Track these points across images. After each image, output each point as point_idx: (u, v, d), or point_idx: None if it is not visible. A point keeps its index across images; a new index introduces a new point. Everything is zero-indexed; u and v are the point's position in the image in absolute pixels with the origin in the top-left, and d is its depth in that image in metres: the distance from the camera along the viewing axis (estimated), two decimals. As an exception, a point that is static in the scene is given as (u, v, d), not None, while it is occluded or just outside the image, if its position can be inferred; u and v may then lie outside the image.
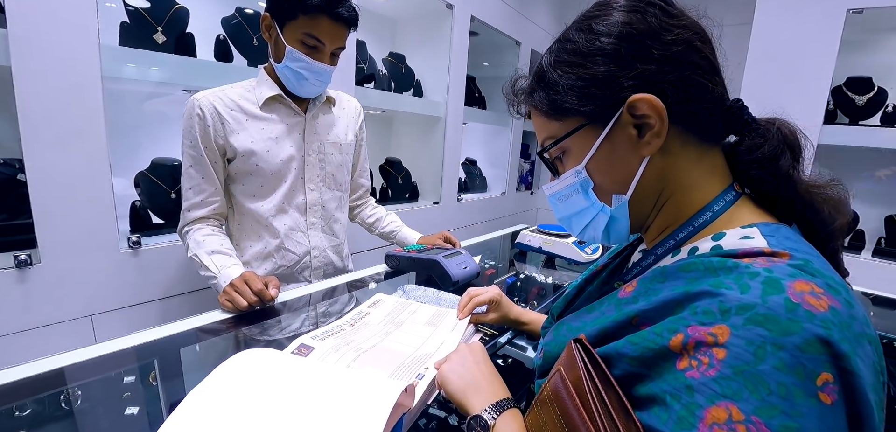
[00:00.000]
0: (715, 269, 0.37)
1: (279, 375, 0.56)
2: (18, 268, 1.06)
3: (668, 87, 0.42)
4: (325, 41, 1.00)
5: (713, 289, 0.36)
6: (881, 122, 2.12)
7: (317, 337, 0.71)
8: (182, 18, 1.39)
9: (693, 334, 0.35)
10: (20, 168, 1.11)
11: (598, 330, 0.44)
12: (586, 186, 0.49)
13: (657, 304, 0.39)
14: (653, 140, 0.43)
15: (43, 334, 1.13)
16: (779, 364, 0.31)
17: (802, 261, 0.36)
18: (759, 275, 0.35)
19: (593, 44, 0.44)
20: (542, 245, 1.44)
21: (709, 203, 0.45)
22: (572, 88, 0.45)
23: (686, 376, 0.34)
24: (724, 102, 0.46)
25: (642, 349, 0.38)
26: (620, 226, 0.50)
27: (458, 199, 2.65)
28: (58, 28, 1.05)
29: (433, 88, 2.45)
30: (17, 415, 0.56)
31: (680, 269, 0.40)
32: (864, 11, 1.94)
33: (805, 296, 0.32)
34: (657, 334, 0.37)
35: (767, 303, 0.32)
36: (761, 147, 0.44)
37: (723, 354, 0.33)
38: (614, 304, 0.45)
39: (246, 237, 1.12)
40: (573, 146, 0.48)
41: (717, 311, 0.34)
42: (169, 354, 0.74)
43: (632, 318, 0.41)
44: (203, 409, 0.49)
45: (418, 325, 0.79)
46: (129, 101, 1.49)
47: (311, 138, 1.13)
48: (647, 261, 0.49)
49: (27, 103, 1.02)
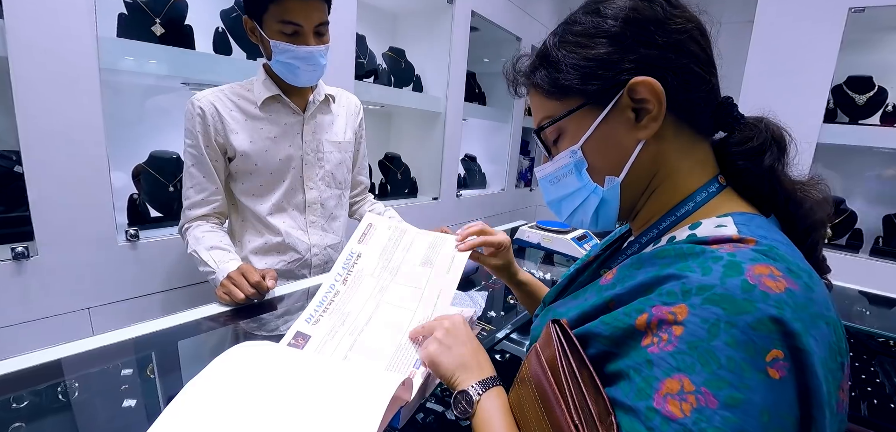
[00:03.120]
0: (684, 254, 0.40)
1: (275, 370, 0.56)
2: (15, 260, 1.06)
3: (669, 74, 0.44)
4: (301, 21, 0.98)
5: (679, 272, 0.38)
6: (881, 121, 2.12)
7: (311, 319, 0.69)
8: (180, 10, 1.38)
9: (656, 313, 0.37)
10: (17, 160, 1.10)
11: (578, 315, 0.46)
12: (581, 166, 0.50)
13: (631, 288, 0.41)
14: (650, 124, 0.45)
15: (40, 327, 1.12)
16: (730, 340, 0.33)
17: (767, 247, 0.37)
18: (722, 259, 0.36)
19: (599, 26, 0.46)
20: (541, 241, 1.45)
21: (692, 193, 0.47)
22: (575, 68, 0.46)
23: (647, 351, 0.36)
24: (716, 98, 0.48)
25: (613, 328, 0.40)
26: (610, 209, 0.51)
27: (458, 195, 2.65)
28: (55, 18, 1.04)
29: (433, 84, 2.44)
30: (15, 407, 0.56)
31: (654, 256, 0.42)
32: (866, 10, 1.94)
33: (763, 278, 0.34)
34: (626, 314, 0.39)
35: (725, 285, 0.34)
36: (750, 140, 0.46)
37: (680, 331, 0.35)
38: (596, 290, 0.46)
39: (247, 234, 1.12)
40: (570, 127, 0.49)
41: (679, 292, 0.36)
42: (167, 347, 0.74)
43: (609, 302, 0.43)
44: (199, 403, 0.49)
45: (414, 267, 0.75)
46: (127, 93, 1.48)
47: (310, 137, 1.13)
48: (631, 249, 0.51)
49: (24, 95, 1.02)
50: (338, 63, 1.74)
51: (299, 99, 1.11)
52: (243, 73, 1.36)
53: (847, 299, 1.29)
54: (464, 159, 3.02)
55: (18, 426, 0.53)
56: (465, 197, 2.74)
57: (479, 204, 2.89)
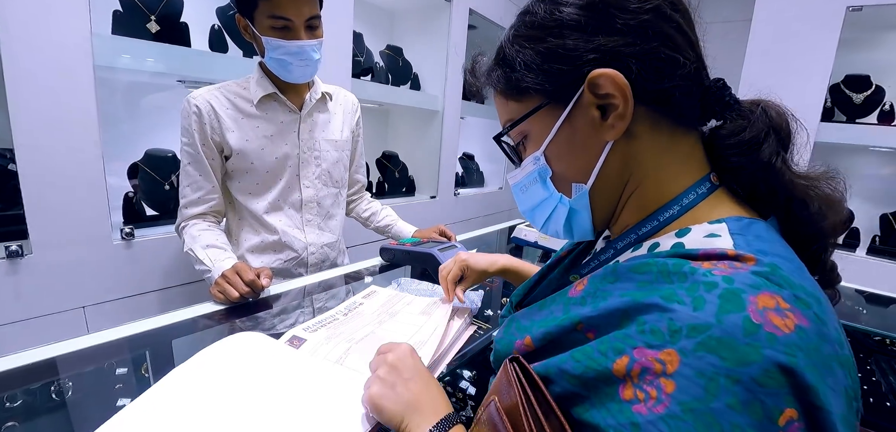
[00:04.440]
0: (668, 274, 0.33)
1: (265, 365, 0.55)
2: (9, 258, 1.05)
3: (633, 62, 0.38)
4: (291, 16, 0.97)
5: (664, 301, 0.31)
6: (878, 120, 2.12)
7: (309, 328, 0.71)
8: (176, 8, 1.37)
9: (639, 358, 0.31)
10: (11, 158, 1.09)
11: (543, 334, 0.40)
12: (544, 175, 0.44)
13: (604, 312, 0.35)
14: (617, 122, 0.39)
15: (34, 325, 1.12)
16: (733, 401, 0.27)
17: (769, 268, 0.31)
18: (717, 286, 0.30)
19: (553, 14, 0.40)
20: (538, 240, 1.44)
21: (678, 196, 0.41)
22: (529, 65, 0.41)
23: (632, 410, 0.30)
24: (702, 81, 0.41)
25: (584, 367, 0.34)
26: (582, 219, 0.45)
27: (455, 194, 2.65)
28: (49, 15, 1.03)
29: (431, 82, 2.44)
30: (8, 406, 0.55)
31: (632, 270, 0.36)
32: (864, 9, 1.94)
33: (768, 314, 0.28)
34: (602, 353, 0.33)
35: (723, 324, 0.28)
36: (743, 131, 0.40)
37: (671, 387, 0.29)
38: (563, 304, 0.41)
39: (244, 232, 1.12)
40: (533, 130, 0.44)
41: (666, 331, 0.30)
42: (161, 346, 0.74)
43: (577, 324, 0.37)
44: (182, 387, 0.49)
45: (413, 315, 0.79)
46: (122, 91, 1.47)
47: (307, 136, 1.12)
48: (606, 254, 0.45)
49: (18, 92, 1.01)
50: (335, 61, 1.74)
51: (296, 97, 1.11)
52: (239, 71, 1.35)
53: (844, 298, 1.29)
54: (461, 158, 3.02)
55: (12, 425, 0.52)
56: (463, 195, 2.74)
57: (476, 202, 2.89)
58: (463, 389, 1.08)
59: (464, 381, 1.10)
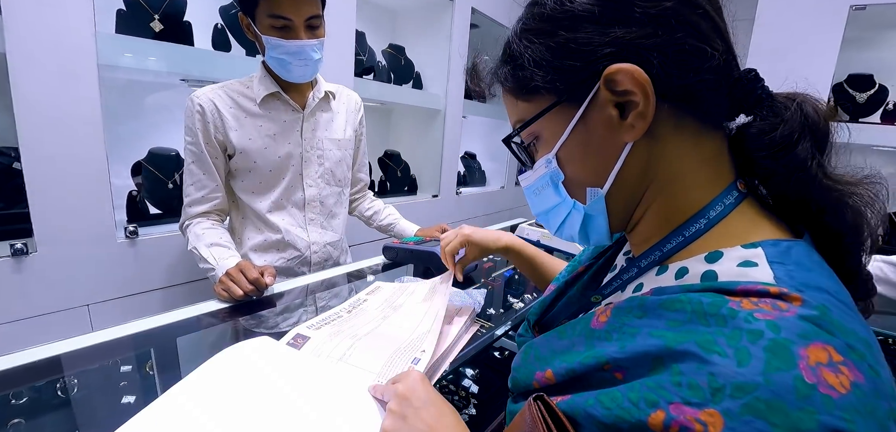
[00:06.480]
0: (704, 315, 0.30)
1: (271, 371, 0.55)
2: (14, 256, 1.06)
3: (654, 55, 0.34)
4: (290, 15, 0.97)
5: (701, 350, 0.28)
6: (881, 120, 2.12)
7: (313, 326, 0.71)
8: (179, 7, 1.38)
9: (677, 416, 0.27)
10: (16, 156, 1.10)
11: (566, 370, 0.37)
12: (556, 179, 0.41)
13: (633, 354, 0.32)
14: (637, 121, 0.35)
15: (39, 323, 1.12)
16: None
17: (819, 311, 0.28)
18: (762, 336, 0.27)
19: (564, 5, 0.37)
20: (541, 238, 1.44)
21: (704, 207, 0.37)
22: (539, 62, 0.38)
23: None
24: (730, 73, 0.37)
25: (615, 417, 0.30)
26: (598, 225, 0.42)
27: (457, 193, 2.65)
28: (53, 14, 1.04)
29: (433, 81, 2.44)
30: (14, 403, 0.56)
31: (662, 306, 0.33)
32: (867, 8, 1.93)
33: (821, 371, 0.25)
34: (632, 403, 0.30)
35: (772, 385, 0.25)
36: (775, 129, 0.35)
37: None
38: (585, 336, 0.37)
39: (247, 231, 1.12)
40: (545, 131, 0.41)
41: (706, 387, 0.27)
42: (166, 344, 0.74)
43: (603, 364, 0.34)
44: (190, 399, 0.49)
45: (416, 304, 0.79)
46: (125, 89, 1.48)
47: (309, 135, 1.13)
48: (629, 273, 0.42)
49: (23, 91, 1.01)
50: (337, 60, 1.74)
51: (299, 96, 1.11)
52: (242, 70, 1.35)
53: (846, 297, 1.29)
54: (463, 157, 3.02)
55: (18, 422, 0.52)
56: (465, 194, 2.74)
57: (478, 201, 2.89)
58: (466, 387, 1.08)
59: (466, 379, 1.10)
